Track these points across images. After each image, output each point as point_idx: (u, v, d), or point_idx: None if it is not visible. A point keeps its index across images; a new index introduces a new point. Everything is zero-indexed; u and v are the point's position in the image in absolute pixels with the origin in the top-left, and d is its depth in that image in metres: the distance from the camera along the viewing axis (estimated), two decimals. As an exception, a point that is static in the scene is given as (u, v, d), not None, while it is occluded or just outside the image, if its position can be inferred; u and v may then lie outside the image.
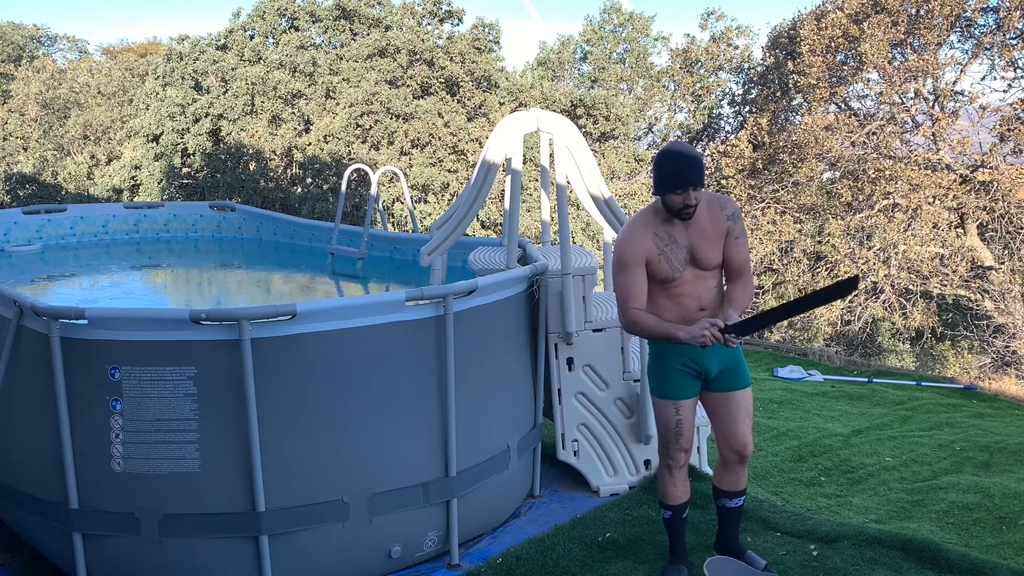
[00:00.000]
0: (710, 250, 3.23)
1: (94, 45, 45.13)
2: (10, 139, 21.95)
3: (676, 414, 3.38)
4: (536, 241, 13.27)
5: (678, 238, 3.23)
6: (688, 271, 3.24)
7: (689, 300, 3.27)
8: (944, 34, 14.97)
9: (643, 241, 3.23)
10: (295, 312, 3.36)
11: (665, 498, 3.51)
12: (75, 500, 3.43)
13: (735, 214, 3.28)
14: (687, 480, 3.52)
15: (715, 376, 3.35)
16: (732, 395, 3.35)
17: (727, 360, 3.35)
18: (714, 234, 3.24)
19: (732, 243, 3.27)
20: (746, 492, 3.52)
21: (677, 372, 3.35)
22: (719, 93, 22.48)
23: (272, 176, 17.71)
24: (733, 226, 3.27)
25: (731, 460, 3.43)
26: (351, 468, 3.54)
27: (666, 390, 3.37)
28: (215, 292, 6.53)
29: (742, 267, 3.30)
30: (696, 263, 3.24)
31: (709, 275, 3.27)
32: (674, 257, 3.22)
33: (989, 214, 15.03)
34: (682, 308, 3.28)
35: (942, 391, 8.49)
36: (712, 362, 3.32)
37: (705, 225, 3.23)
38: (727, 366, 3.35)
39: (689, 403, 3.38)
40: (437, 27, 19.36)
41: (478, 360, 3.91)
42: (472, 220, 4.78)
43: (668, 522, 3.56)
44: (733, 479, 3.46)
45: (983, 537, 4.44)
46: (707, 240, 3.23)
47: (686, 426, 3.39)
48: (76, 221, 8.01)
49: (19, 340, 3.56)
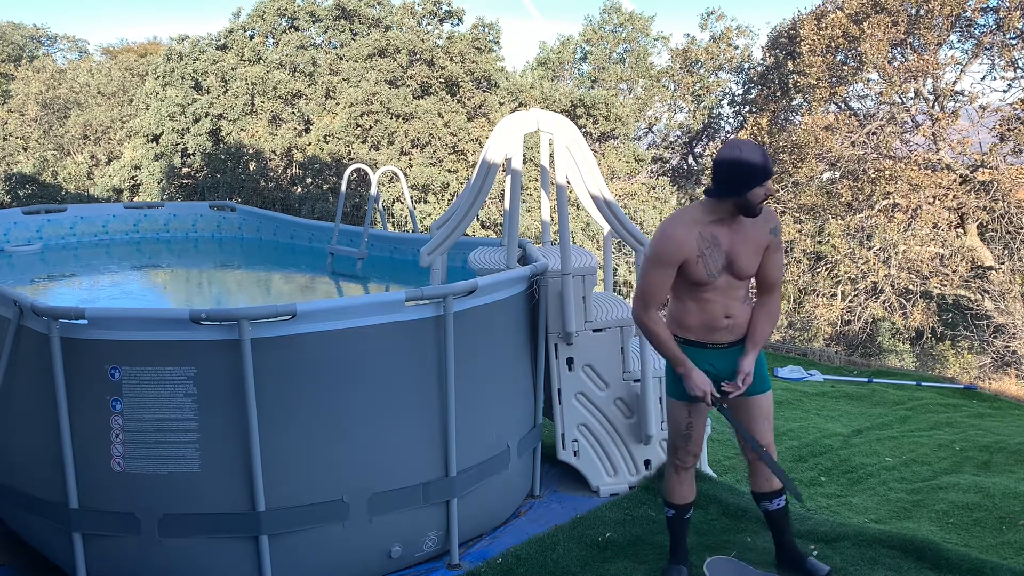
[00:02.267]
0: (749, 259, 3.19)
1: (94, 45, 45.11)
2: (10, 139, 21.95)
3: (688, 416, 3.37)
4: (536, 241, 13.27)
5: (721, 242, 3.15)
6: (723, 278, 3.18)
7: (717, 307, 3.22)
8: (944, 34, 14.97)
9: (686, 240, 3.13)
10: (295, 312, 3.36)
11: (670, 497, 3.51)
12: (75, 500, 3.43)
13: (777, 228, 3.25)
14: (693, 482, 3.51)
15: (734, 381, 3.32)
16: (752, 399, 3.33)
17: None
18: (755, 244, 3.20)
19: (769, 257, 3.24)
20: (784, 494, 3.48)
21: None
22: (719, 93, 22.49)
23: (272, 176, 17.71)
24: (774, 240, 3.23)
25: (756, 462, 3.42)
26: (351, 468, 3.54)
27: (681, 392, 3.34)
28: (215, 292, 6.53)
29: (774, 283, 3.30)
30: (732, 270, 3.18)
31: (741, 285, 3.24)
32: (712, 261, 3.15)
33: (989, 214, 15.03)
34: (707, 315, 3.24)
35: (942, 391, 8.49)
36: (725, 367, 3.31)
37: (749, 233, 3.18)
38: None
39: (702, 407, 3.36)
40: (437, 27, 19.36)
41: (478, 360, 3.90)
42: (472, 220, 4.78)
43: (670, 521, 3.55)
44: (766, 481, 3.44)
45: (983, 537, 4.44)
46: (748, 248, 3.18)
47: (696, 429, 3.38)
48: (76, 221, 8.01)
49: (19, 340, 3.56)
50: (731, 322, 3.25)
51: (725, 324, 3.24)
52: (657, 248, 3.15)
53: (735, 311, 3.25)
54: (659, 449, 4.71)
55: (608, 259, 5.65)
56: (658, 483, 4.57)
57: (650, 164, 20.23)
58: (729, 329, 3.27)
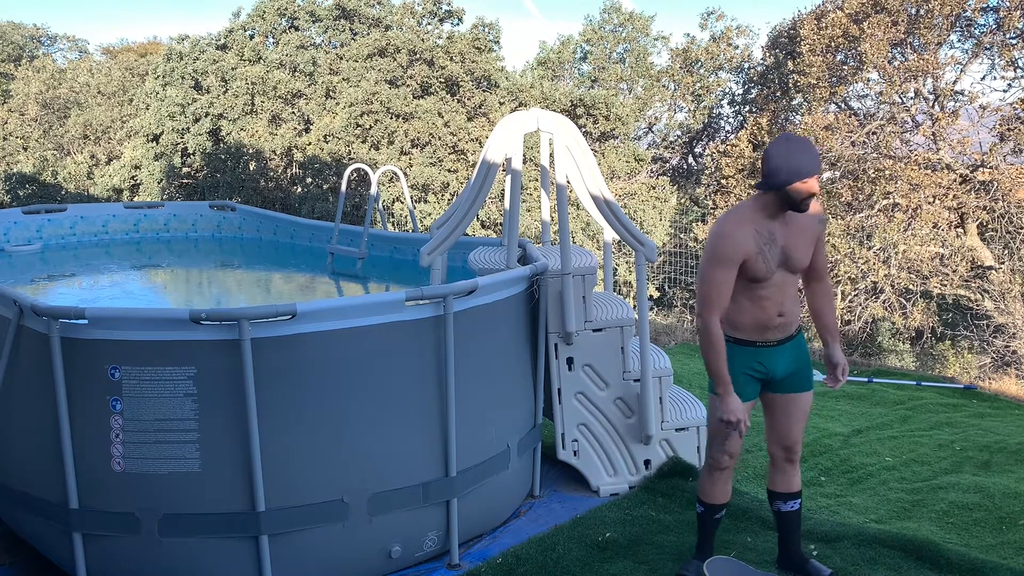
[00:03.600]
0: (803, 251, 3.19)
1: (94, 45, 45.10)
2: (10, 139, 21.95)
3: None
4: (536, 241, 13.27)
5: (777, 237, 3.14)
6: (778, 273, 3.17)
7: (771, 305, 3.20)
8: (944, 34, 14.97)
9: (745, 238, 3.09)
10: (295, 312, 3.36)
11: (702, 495, 3.50)
12: (75, 500, 3.43)
13: (825, 219, 3.32)
14: (729, 483, 3.48)
15: (781, 378, 3.31)
16: (796, 396, 3.33)
17: (796, 363, 3.31)
18: (809, 236, 3.21)
19: (817, 247, 3.30)
20: (801, 495, 3.45)
21: (742, 376, 3.29)
22: (719, 93, 22.48)
23: (272, 176, 17.71)
24: (822, 231, 3.29)
25: (779, 458, 3.39)
26: (351, 468, 3.54)
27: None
28: (215, 292, 6.53)
29: (823, 271, 3.35)
30: (787, 265, 3.18)
31: (794, 281, 3.25)
32: (771, 256, 3.13)
33: (989, 214, 15.03)
34: (762, 312, 3.21)
35: (942, 391, 8.49)
36: (780, 365, 3.30)
37: (803, 226, 3.19)
38: (796, 369, 3.32)
39: (747, 406, 3.34)
40: (437, 27, 19.35)
41: (478, 360, 3.91)
42: (472, 220, 4.78)
43: (700, 518, 3.55)
44: (785, 479, 3.41)
45: (983, 537, 4.44)
46: (803, 241, 3.19)
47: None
48: (76, 221, 8.01)
49: (19, 340, 3.56)
50: (783, 320, 3.23)
51: (778, 322, 3.23)
52: (717, 248, 3.09)
53: (788, 308, 3.24)
54: (659, 449, 4.71)
55: (608, 259, 5.65)
56: (658, 483, 4.57)
57: (650, 164, 20.22)
58: (780, 327, 3.25)
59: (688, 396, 5.04)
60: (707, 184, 19.67)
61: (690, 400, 4.97)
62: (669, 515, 4.19)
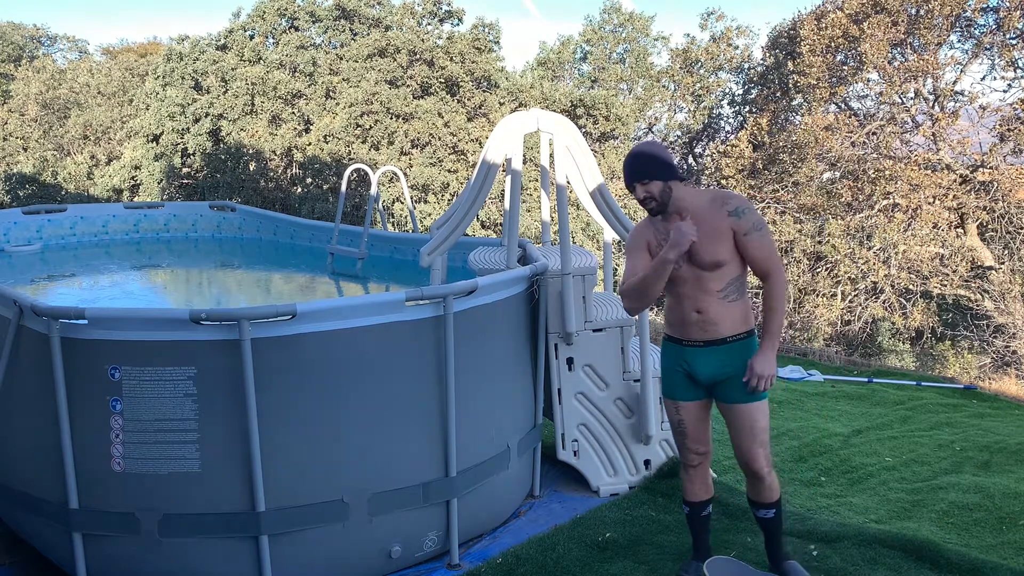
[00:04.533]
0: (707, 247, 3.13)
1: (94, 45, 45.15)
2: (10, 139, 21.96)
3: (677, 414, 3.38)
4: (536, 241, 13.27)
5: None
6: (686, 268, 3.18)
7: (687, 301, 3.22)
8: (944, 34, 14.98)
9: (643, 232, 3.27)
10: (295, 312, 3.36)
11: (684, 494, 3.54)
12: (75, 500, 3.43)
13: (738, 210, 3.13)
14: (705, 479, 3.48)
15: (713, 384, 3.28)
16: (730, 407, 3.26)
17: (723, 370, 3.23)
18: (711, 232, 3.13)
19: (743, 241, 3.13)
20: (777, 507, 3.39)
21: (671, 372, 3.35)
22: (719, 93, 22.50)
23: (272, 176, 17.71)
24: (738, 222, 3.11)
25: (742, 469, 3.38)
26: (351, 468, 3.54)
27: (665, 388, 3.41)
28: (215, 292, 6.53)
29: (764, 267, 3.15)
30: (693, 260, 3.16)
31: (710, 277, 3.16)
32: None
33: (989, 214, 15.04)
34: (680, 309, 3.25)
35: (942, 391, 8.49)
36: (700, 367, 3.25)
37: (702, 222, 3.14)
38: (727, 378, 3.23)
39: (690, 405, 3.34)
40: (437, 27, 19.36)
41: (478, 360, 3.90)
42: (472, 220, 4.78)
43: (687, 518, 3.57)
44: (753, 489, 3.39)
45: (983, 537, 4.44)
46: (704, 237, 3.12)
47: (690, 427, 3.36)
48: (76, 221, 8.01)
49: (19, 340, 3.56)
50: (701, 318, 3.19)
51: (695, 319, 3.20)
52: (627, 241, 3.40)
53: (706, 306, 3.18)
54: (659, 449, 4.71)
55: (608, 259, 5.65)
56: (658, 483, 4.57)
57: (650, 164, 20.17)
58: (700, 325, 3.20)
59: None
60: (707, 184, 19.67)
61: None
62: (669, 515, 4.19)
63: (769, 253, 3.16)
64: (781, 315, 3.20)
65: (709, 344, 3.22)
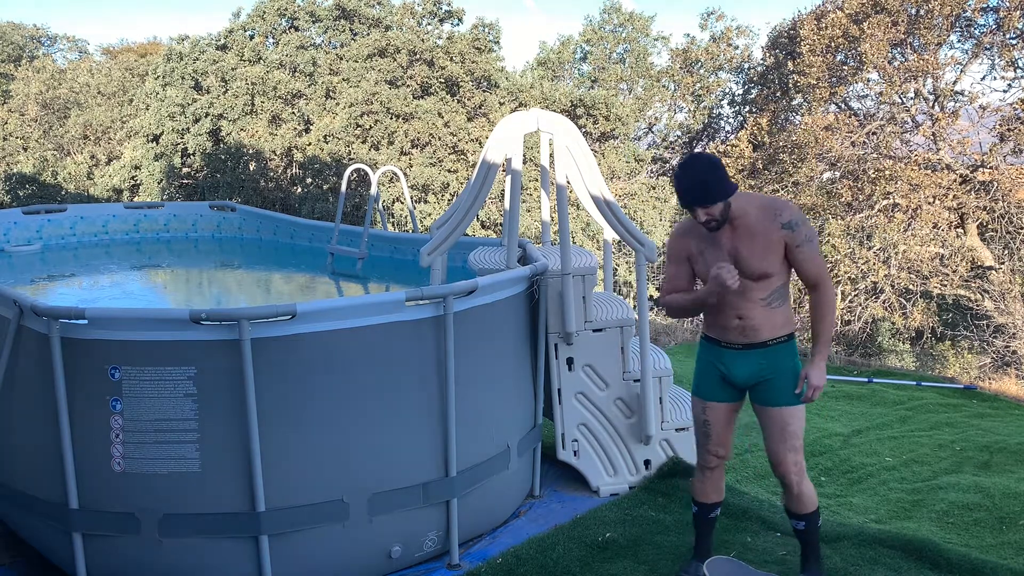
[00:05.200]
0: (755, 258, 3.10)
1: (94, 45, 45.15)
2: (10, 139, 21.95)
3: (703, 414, 3.36)
4: (536, 241, 13.27)
5: (721, 240, 3.14)
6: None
7: (728, 307, 3.19)
8: (944, 34, 14.97)
9: (684, 238, 3.24)
10: (295, 312, 3.36)
11: (693, 493, 3.52)
12: (75, 500, 3.43)
13: (792, 222, 3.08)
14: (718, 483, 3.46)
15: (748, 386, 3.27)
16: (764, 409, 3.26)
17: (764, 373, 3.22)
18: (763, 242, 3.09)
19: (794, 253, 3.10)
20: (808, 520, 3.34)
21: (706, 371, 3.34)
22: (719, 93, 22.50)
23: (272, 176, 17.71)
24: (792, 235, 3.08)
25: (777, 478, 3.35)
26: (351, 468, 3.54)
27: (696, 387, 3.39)
28: (215, 292, 6.53)
29: (814, 279, 3.14)
30: (740, 271, 3.11)
31: (755, 287, 3.14)
32: (712, 259, 3.15)
33: (989, 214, 15.03)
34: (721, 313, 3.22)
35: (942, 391, 8.49)
36: (737, 369, 3.25)
37: (754, 231, 3.10)
38: (764, 380, 3.23)
39: (719, 407, 3.32)
40: (437, 27, 19.37)
41: (478, 360, 3.90)
42: (472, 220, 4.77)
43: (695, 518, 3.56)
44: (785, 498, 3.37)
45: (983, 537, 4.44)
46: (754, 247, 3.09)
47: (714, 428, 3.34)
48: (76, 221, 8.01)
49: (19, 340, 3.56)
50: (743, 323, 3.19)
51: (736, 324, 3.20)
52: (667, 247, 3.35)
53: (749, 313, 3.17)
54: (659, 449, 4.71)
55: (608, 259, 5.65)
56: (658, 483, 4.57)
57: (650, 164, 20.23)
58: (741, 330, 3.21)
59: (688, 396, 5.04)
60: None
61: (690, 400, 4.96)
62: (669, 515, 4.19)
63: (819, 264, 3.14)
64: (831, 325, 3.18)
65: (748, 347, 3.23)
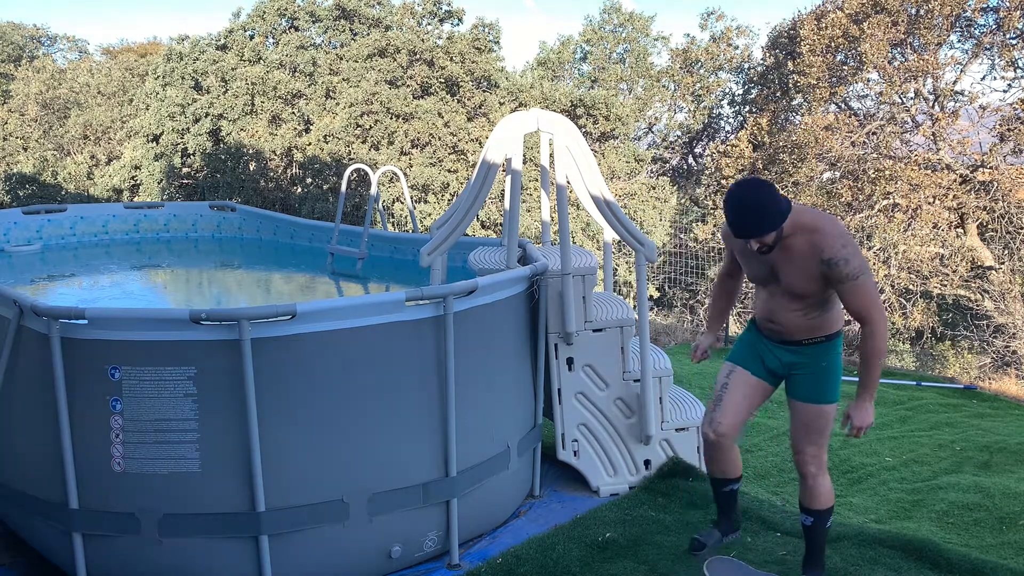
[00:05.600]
0: (795, 279, 3.10)
1: (94, 45, 45.14)
2: (10, 139, 21.95)
3: (727, 376, 3.40)
4: (536, 241, 13.27)
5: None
6: (772, 284, 3.21)
7: (764, 306, 3.29)
8: (944, 34, 14.97)
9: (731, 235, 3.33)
10: (295, 312, 3.36)
11: (705, 465, 3.58)
12: (75, 500, 3.43)
13: (832, 260, 2.97)
14: (726, 458, 3.44)
15: (780, 373, 3.35)
16: (793, 402, 3.33)
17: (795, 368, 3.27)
18: (803, 267, 3.05)
19: (838, 288, 3.04)
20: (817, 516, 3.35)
21: (746, 343, 3.42)
22: (719, 93, 22.48)
23: (272, 176, 17.71)
24: (831, 272, 3.00)
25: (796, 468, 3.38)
26: (351, 468, 3.54)
27: (731, 353, 3.47)
28: (215, 292, 6.53)
29: (859, 314, 3.02)
30: (778, 280, 3.16)
31: (791, 297, 3.15)
32: (750, 264, 3.24)
33: (989, 214, 15.02)
34: (762, 306, 3.32)
35: (942, 391, 8.49)
36: (768, 353, 3.34)
37: (794, 258, 3.07)
38: (794, 374, 3.28)
39: (743, 374, 3.36)
40: (437, 27, 19.36)
41: (478, 360, 3.91)
42: (472, 220, 4.77)
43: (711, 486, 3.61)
44: (800, 490, 3.39)
45: (983, 537, 4.44)
46: (792, 271, 3.09)
47: (730, 394, 3.35)
48: (76, 221, 8.00)
49: (19, 340, 3.56)
50: (774, 326, 3.28)
51: (769, 325, 3.30)
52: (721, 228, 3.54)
53: (782, 318, 3.22)
54: (659, 449, 4.71)
55: (608, 259, 5.65)
56: (658, 483, 4.57)
57: (650, 164, 20.22)
58: (773, 330, 3.30)
59: (688, 396, 5.04)
60: (707, 184, 19.68)
61: (690, 400, 4.97)
62: (669, 515, 4.19)
63: (866, 300, 2.99)
64: (878, 366, 3.07)
65: (783, 344, 3.31)
